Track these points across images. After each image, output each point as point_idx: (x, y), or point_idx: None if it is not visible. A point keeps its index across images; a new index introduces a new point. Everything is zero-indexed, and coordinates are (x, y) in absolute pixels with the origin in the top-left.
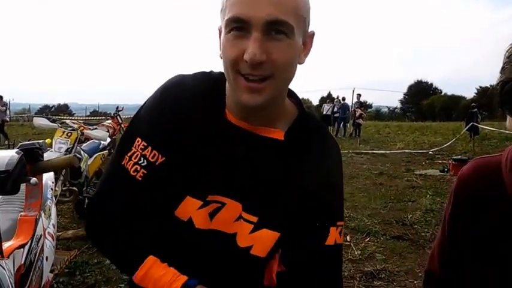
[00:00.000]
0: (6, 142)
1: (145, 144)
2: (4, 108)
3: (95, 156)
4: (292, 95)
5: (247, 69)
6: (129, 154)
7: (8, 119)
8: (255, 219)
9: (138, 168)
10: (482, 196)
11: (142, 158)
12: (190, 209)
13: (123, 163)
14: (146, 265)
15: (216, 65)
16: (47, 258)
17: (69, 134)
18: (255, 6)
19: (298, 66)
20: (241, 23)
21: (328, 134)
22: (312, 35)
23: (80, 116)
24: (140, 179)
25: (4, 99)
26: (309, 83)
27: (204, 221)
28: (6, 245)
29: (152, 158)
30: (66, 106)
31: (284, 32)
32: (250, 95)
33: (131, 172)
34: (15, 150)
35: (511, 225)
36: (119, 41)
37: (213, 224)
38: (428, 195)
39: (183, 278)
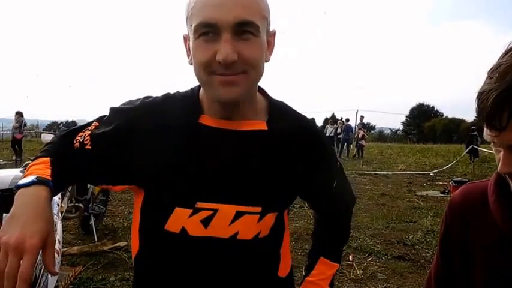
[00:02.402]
0: (14, 157)
1: (92, 129)
2: (18, 125)
3: None
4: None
5: (220, 70)
6: (87, 128)
7: (19, 136)
8: (259, 209)
9: (78, 139)
10: (470, 221)
11: (83, 137)
12: (181, 219)
13: (82, 130)
14: (40, 160)
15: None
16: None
17: None
18: (222, 10)
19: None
20: (210, 27)
21: (298, 112)
22: (274, 33)
23: None
24: (74, 148)
25: (23, 117)
26: (313, 104)
27: (197, 228)
28: None
29: (85, 140)
30: (74, 123)
31: (251, 31)
32: (227, 88)
33: (75, 138)
34: (20, 169)
35: (497, 250)
36: (125, 58)
37: (208, 231)
38: (429, 216)
39: (46, 174)
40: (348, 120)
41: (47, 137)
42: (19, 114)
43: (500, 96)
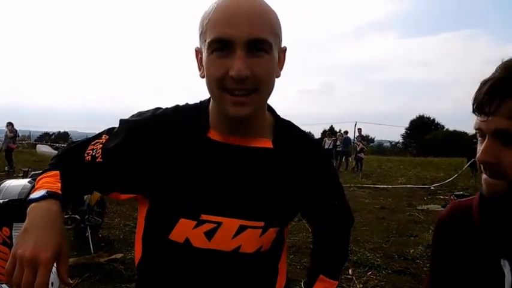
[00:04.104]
0: (6, 168)
1: (103, 142)
2: (12, 134)
3: None
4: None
5: (232, 85)
6: (97, 140)
7: (13, 146)
8: (261, 224)
9: (90, 152)
10: (457, 236)
11: (94, 150)
12: (186, 230)
13: (91, 142)
14: (49, 173)
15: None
16: (52, 283)
17: None
18: (236, 27)
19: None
20: (224, 43)
21: (304, 133)
22: (285, 50)
23: None
24: (86, 161)
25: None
26: (311, 116)
27: (201, 240)
28: None
29: (96, 154)
30: (66, 134)
31: (264, 49)
32: (237, 107)
33: (85, 152)
34: (28, 179)
35: (484, 262)
36: (120, 69)
37: (211, 243)
38: (430, 231)
39: (56, 187)
40: (346, 132)
41: (43, 148)
42: (11, 125)
43: (494, 84)
